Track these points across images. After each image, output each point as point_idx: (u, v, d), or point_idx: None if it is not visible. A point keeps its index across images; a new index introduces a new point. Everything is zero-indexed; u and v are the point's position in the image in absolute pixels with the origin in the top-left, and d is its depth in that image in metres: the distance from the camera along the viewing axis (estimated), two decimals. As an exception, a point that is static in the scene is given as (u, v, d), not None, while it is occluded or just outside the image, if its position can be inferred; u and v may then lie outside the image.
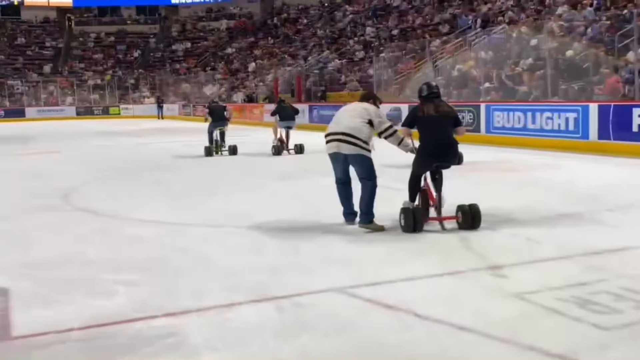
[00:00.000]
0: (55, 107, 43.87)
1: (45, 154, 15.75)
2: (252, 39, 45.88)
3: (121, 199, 8.42)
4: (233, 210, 7.24)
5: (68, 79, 47.01)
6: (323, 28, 37.43)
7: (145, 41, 53.97)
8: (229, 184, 9.57)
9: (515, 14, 21.67)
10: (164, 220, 6.76)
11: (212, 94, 37.80)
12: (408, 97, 20.30)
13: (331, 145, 6.03)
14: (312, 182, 9.35)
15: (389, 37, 28.31)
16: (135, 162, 13.31)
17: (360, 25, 33.20)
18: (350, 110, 6.10)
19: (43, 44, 52.18)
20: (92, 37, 53.88)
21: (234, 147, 14.08)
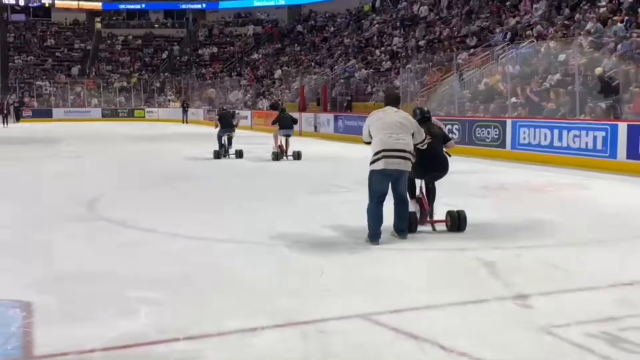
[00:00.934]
0: (82, 109, 44.43)
1: (71, 158, 15.91)
2: (279, 46, 46.04)
3: (146, 209, 8.46)
4: (259, 225, 7.23)
5: (95, 81, 47.60)
6: (350, 37, 37.45)
7: (172, 45, 54.46)
8: (255, 196, 9.56)
9: (544, 28, 21.49)
10: (190, 234, 6.78)
11: (238, 100, 38.02)
12: (434, 110, 20.22)
13: (394, 161, 6.13)
14: (339, 197, 9.33)
15: (416, 48, 28.24)
16: (161, 169, 13.38)
17: (387, 35, 33.16)
18: (403, 126, 6.22)
19: (72, 45, 52.90)
20: (120, 40, 54.51)
21: (240, 151, 15.58)
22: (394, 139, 6.12)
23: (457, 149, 16.07)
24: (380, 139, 6.14)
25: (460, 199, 9.06)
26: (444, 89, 20.67)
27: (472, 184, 10.78)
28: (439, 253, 5.97)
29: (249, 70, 44.29)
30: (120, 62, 52.21)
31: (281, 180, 11.66)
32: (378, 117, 6.27)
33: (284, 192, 9.98)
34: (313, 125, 25.57)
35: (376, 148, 6.17)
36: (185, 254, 5.96)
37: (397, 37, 31.35)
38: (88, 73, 50.17)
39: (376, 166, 6.18)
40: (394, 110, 6.34)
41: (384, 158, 6.13)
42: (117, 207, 8.69)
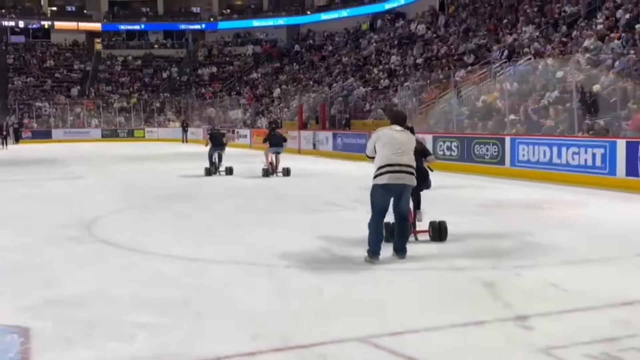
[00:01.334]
0: (82, 129, 44.52)
1: (70, 179, 15.92)
2: (278, 65, 46.29)
3: (145, 231, 8.45)
4: (257, 246, 7.22)
5: (95, 102, 47.76)
6: (348, 55, 37.67)
7: (172, 65, 54.71)
8: (254, 216, 9.55)
9: (541, 45, 21.61)
10: (188, 255, 6.76)
11: (237, 119, 38.13)
12: (432, 127, 20.30)
13: (398, 176, 6.20)
14: (337, 216, 9.32)
15: (414, 65, 28.39)
16: (160, 190, 13.37)
17: (385, 54, 33.35)
18: (409, 145, 6.34)
19: (71, 66, 53.15)
20: (119, 60, 54.78)
21: (230, 168, 16.66)
22: (398, 155, 6.21)
23: (456, 166, 16.31)
24: (385, 155, 6.22)
25: (458, 216, 9.07)
26: (442, 106, 20.76)
27: (471, 201, 10.78)
28: (438, 273, 5.95)
29: (248, 90, 44.49)
30: (120, 82, 52.43)
31: (280, 200, 11.65)
32: (385, 133, 6.34)
33: (282, 212, 9.97)
34: (312, 143, 25.62)
35: (380, 163, 6.24)
36: (183, 276, 5.94)
37: (394, 56, 31.53)
38: (87, 94, 50.36)
39: (379, 181, 6.23)
40: (399, 129, 6.40)
41: (387, 173, 6.18)
42: (117, 228, 8.68)
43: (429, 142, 17.83)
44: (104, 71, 53.56)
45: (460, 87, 20.84)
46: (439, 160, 17.22)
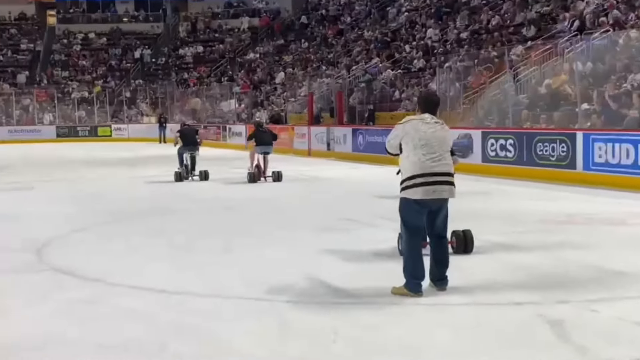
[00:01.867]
0: (31, 127, 44.87)
1: (16, 191, 16.03)
2: (281, 42, 46.46)
3: (111, 255, 8.50)
4: (252, 273, 7.24)
5: (47, 91, 48.15)
6: (372, 29, 37.72)
7: (145, 44, 55.10)
8: (247, 235, 9.57)
9: (623, 13, 21.52)
10: (165, 286, 6.78)
11: (230, 113, 38.29)
12: (481, 121, 20.27)
13: (436, 189, 6.18)
14: (355, 236, 9.31)
15: (457, 41, 28.36)
16: (130, 203, 13.45)
17: (419, 26, 33.36)
18: (446, 143, 6.32)
19: (17, 46, 53.68)
20: (79, 38, 55.25)
21: (205, 173, 17.19)
22: (435, 160, 6.16)
23: (512, 171, 16.30)
24: (418, 160, 6.14)
25: (514, 235, 9.06)
26: (493, 93, 20.71)
27: (531, 215, 10.75)
28: (489, 308, 5.92)
29: (244, 74, 44.66)
30: (80, 66, 52.86)
31: (281, 214, 11.67)
32: (415, 127, 6.22)
33: (284, 230, 9.98)
34: (325, 143, 25.66)
35: (411, 171, 6.18)
36: (158, 312, 5.96)
37: (432, 28, 31.53)
38: (39, 81, 50.79)
39: (411, 194, 6.18)
40: (434, 119, 6.33)
41: (422, 185, 6.14)
42: (74, 252, 8.72)
43: (477, 140, 17.83)
44: (59, 52, 54.04)
45: (517, 69, 20.78)
46: (490, 162, 17.28)
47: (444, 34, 30.46)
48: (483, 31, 27.82)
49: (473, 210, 11.60)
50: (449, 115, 21.27)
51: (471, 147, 18.03)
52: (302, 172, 16.58)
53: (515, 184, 15.23)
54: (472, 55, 23.90)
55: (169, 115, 43.81)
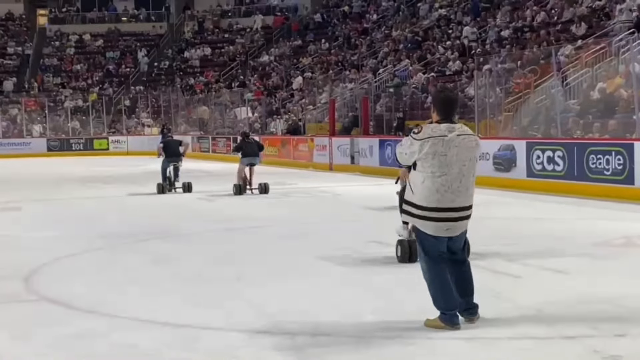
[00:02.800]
0: (19, 140, 45.21)
1: (1, 211, 16.12)
2: (299, 43, 46.62)
3: (108, 284, 8.50)
4: (269, 306, 7.22)
5: (37, 100, 48.53)
6: (401, 27, 37.78)
7: (147, 46, 55.46)
8: (261, 262, 9.56)
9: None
10: (170, 319, 6.77)
11: (242, 121, 38.39)
12: (525, 130, 20.19)
13: (450, 225, 6.06)
14: (385, 261, 9.26)
15: (498, 40, 28.32)
16: (129, 225, 13.49)
17: (454, 24, 33.37)
18: (472, 159, 6.10)
19: (4, 50, 54.23)
20: (73, 40, 55.71)
21: (188, 185, 18.94)
22: (453, 191, 5.98)
23: (561, 186, 16.22)
24: (436, 191, 5.97)
25: (563, 259, 9.00)
26: (539, 98, 20.64)
27: (583, 238, 10.70)
28: (537, 343, 5.87)
29: (257, 79, 44.82)
30: (74, 71, 53.28)
31: (300, 238, 11.64)
32: (434, 149, 5.94)
33: (305, 255, 9.95)
34: (349, 156, 25.65)
35: (425, 200, 6.02)
36: (162, 350, 5.93)
37: (469, 26, 31.52)
38: (27, 88, 51.21)
39: (421, 226, 6.12)
40: (455, 131, 6.04)
41: (434, 221, 6.03)
42: (66, 281, 8.72)
43: (521, 152, 17.74)
44: (50, 56, 54.53)
45: (566, 71, 20.70)
46: (536, 177, 17.17)
47: (482, 32, 30.43)
48: (527, 29, 27.78)
49: (516, 231, 11.56)
50: (488, 123, 21.24)
51: (514, 159, 17.96)
52: (323, 188, 16.62)
53: (565, 201, 15.13)
54: (515, 56, 23.85)
55: (173, 126, 43.95)
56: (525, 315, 6.62)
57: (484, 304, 6.63)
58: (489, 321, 6.34)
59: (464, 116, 24.32)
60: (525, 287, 7.72)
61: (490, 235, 11.04)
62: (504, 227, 12.18)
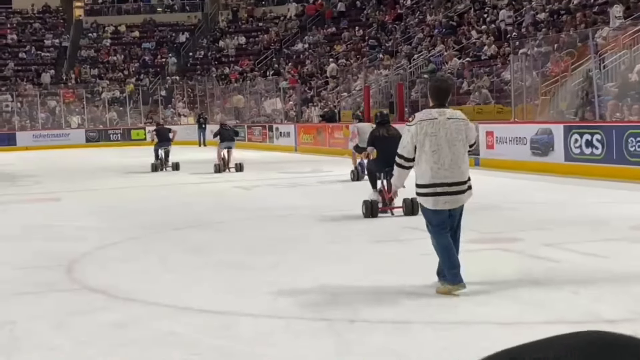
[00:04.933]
0: (57, 131, 45.63)
1: (42, 202, 16.32)
2: (332, 30, 46.53)
3: (146, 273, 8.59)
4: (306, 291, 7.27)
5: (75, 91, 48.95)
6: (435, 12, 37.57)
7: (182, 36, 55.67)
8: (297, 248, 9.59)
9: None
10: (206, 306, 6.83)
11: (276, 111, 38.45)
12: (562, 114, 20.02)
13: (448, 199, 6.80)
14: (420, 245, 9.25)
15: (534, 24, 28.07)
16: (168, 214, 13.59)
17: (489, 8, 33.11)
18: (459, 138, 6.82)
19: (41, 42, 54.71)
20: (109, 31, 56.09)
21: (176, 164, 23.59)
22: (447, 167, 6.72)
23: (600, 170, 16.07)
24: (430, 169, 6.74)
25: (602, 243, 8.93)
26: (576, 81, 20.44)
27: (622, 221, 10.59)
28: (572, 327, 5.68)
29: (291, 67, 44.82)
30: (110, 63, 53.66)
31: (334, 223, 11.66)
32: (425, 131, 6.76)
33: (341, 241, 9.97)
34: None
35: (422, 179, 6.83)
36: (201, 336, 6.00)
37: (504, 10, 31.26)
38: (65, 80, 51.66)
39: (424, 202, 6.95)
40: (445, 115, 6.86)
41: (433, 196, 6.78)
42: (106, 270, 8.84)
43: (559, 136, 17.60)
44: (87, 47, 54.94)
45: (603, 54, 20.48)
46: (574, 161, 17.03)
47: (518, 15, 30.16)
48: (563, 11, 27.47)
49: (554, 216, 11.48)
50: (525, 108, 21.09)
51: (552, 143, 17.82)
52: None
53: (603, 185, 14.99)
54: (551, 40, 23.63)
55: (209, 115, 44.14)
56: (562, 299, 6.59)
57: (521, 289, 6.61)
58: (526, 305, 6.32)
59: (500, 101, 24.25)
60: (562, 271, 7.69)
61: (528, 219, 11.00)
62: (541, 211, 12.11)
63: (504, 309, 6.29)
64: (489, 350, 4.10)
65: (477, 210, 12.46)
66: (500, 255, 8.60)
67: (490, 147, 19.92)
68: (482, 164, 20.02)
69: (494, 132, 19.91)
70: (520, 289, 6.75)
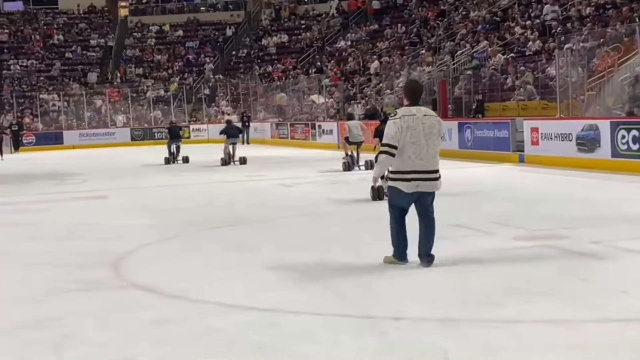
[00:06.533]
0: (103, 130, 46.16)
1: (88, 200, 16.48)
2: (375, 27, 46.44)
3: (192, 270, 8.63)
4: (349, 288, 7.24)
5: (121, 91, 49.45)
6: (478, 8, 37.33)
7: (225, 35, 55.94)
8: (340, 246, 9.56)
9: None
10: (251, 303, 6.84)
11: (318, 108, 38.46)
12: (609, 109, 19.76)
13: (421, 184, 7.85)
14: (467, 244, 9.18)
15: (579, 19, 27.77)
16: (212, 212, 13.66)
17: (534, 3, 32.81)
18: (433, 134, 7.82)
19: (87, 42, 55.31)
20: (153, 31, 56.56)
21: (186, 157, 26.57)
22: (422, 157, 7.77)
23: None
24: (408, 158, 7.77)
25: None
26: (623, 77, 20.18)
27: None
28: (621, 325, 5.75)
29: (333, 65, 44.81)
30: (155, 62, 54.08)
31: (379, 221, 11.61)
32: (408, 124, 7.74)
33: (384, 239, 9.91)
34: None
35: (399, 166, 7.86)
36: (244, 332, 6.00)
37: (549, 5, 30.96)
38: (111, 79, 52.19)
39: (397, 185, 7.92)
40: (421, 112, 7.90)
41: (407, 181, 7.82)
42: (151, 267, 8.90)
43: (605, 132, 17.38)
44: (132, 47, 55.46)
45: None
46: (621, 157, 16.79)
47: (563, 10, 29.86)
48: (609, 6, 27.15)
49: (600, 213, 11.33)
50: (571, 104, 20.87)
51: (598, 139, 17.60)
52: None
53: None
54: (597, 35, 23.34)
55: (252, 113, 44.31)
56: (610, 297, 6.50)
57: (568, 287, 6.52)
58: (573, 304, 6.24)
59: (545, 97, 24.00)
60: (610, 269, 7.59)
61: (574, 216, 10.87)
62: (588, 208, 11.96)
63: (551, 307, 6.21)
64: (537, 350, 4.05)
65: (522, 207, 12.37)
66: (546, 253, 8.50)
67: (535, 144, 19.74)
68: (527, 161, 19.85)
69: (539, 128, 19.72)
70: (568, 287, 6.65)
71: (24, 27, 55.73)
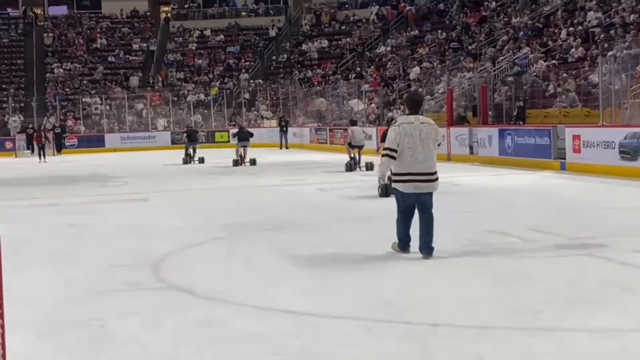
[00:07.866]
0: (145, 133, 46.54)
1: (130, 202, 16.64)
2: (415, 33, 46.35)
3: (232, 273, 8.67)
4: (389, 293, 7.25)
5: (162, 95, 49.84)
6: (520, 14, 37.12)
7: (265, 40, 56.15)
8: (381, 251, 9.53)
9: None
10: (290, 307, 6.86)
11: (358, 113, 38.44)
12: (652, 117, 19.55)
13: (417, 185, 8.67)
14: (506, 251, 9.14)
15: (623, 25, 27.51)
16: (252, 215, 13.69)
17: (578, 9, 32.56)
18: (429, 140, 8.67)
19: (130, 46, 55.80)
20: (195, 35, 56.94)
21: (201, 158, 29.13)
22: (419, 161, 8.61)
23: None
24: (406, 161, 8.63)
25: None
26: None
27: None
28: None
29: (373, 70, 44.79)
30: (196, 66, 54.43)
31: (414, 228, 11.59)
32: (405, 131, 8.62)
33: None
34: (467, 145, 25.37)
35: (398, 169, 8.72)
36: (283, 338, 6.02)
37: (593, 11, 30.71)
38: (152, 83, 52.62)
39: (398, 186, 8.81)
40: (419, 120, 8.78)
41: (405, 182, 8.67)
42: (192, 270, 8.95)
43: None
44: (173, 51, 55.87)
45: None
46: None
47: (607, 17, 29.60)
48: (653, 13, 26.87)
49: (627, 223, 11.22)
50: (614, 111, 20.67)
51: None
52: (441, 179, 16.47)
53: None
54: (641, 41, 23.14)
55: (291, 118, 44.38)
56: None
57: (610, 296, 6.47)
58: (615, 313, 6.18)
59: (587, 104, 23.78)
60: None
61: (616, 225, 10.77)
62: (630, 217, 11.84)
63: (592, 316, 6.17)
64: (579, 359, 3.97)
65: (562, 215, 12.28)
66: (588, 261, 8.44)
67: (577, 151, 19.56)
68: (569, 168, 19.67)
69: (581, 135, 19.54)
70: (609, 296, 6.60)
71: (68, 31, 56.40)
